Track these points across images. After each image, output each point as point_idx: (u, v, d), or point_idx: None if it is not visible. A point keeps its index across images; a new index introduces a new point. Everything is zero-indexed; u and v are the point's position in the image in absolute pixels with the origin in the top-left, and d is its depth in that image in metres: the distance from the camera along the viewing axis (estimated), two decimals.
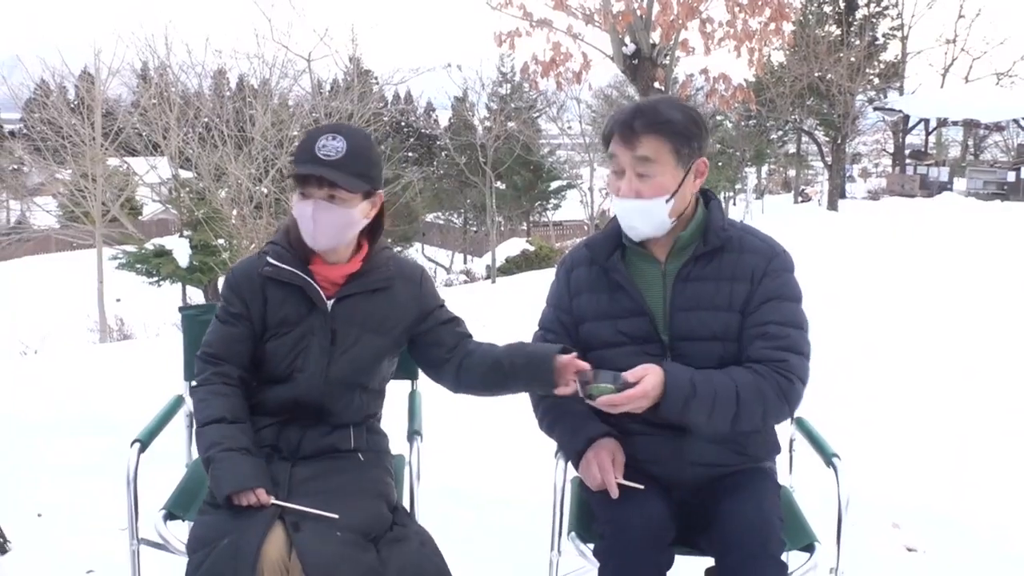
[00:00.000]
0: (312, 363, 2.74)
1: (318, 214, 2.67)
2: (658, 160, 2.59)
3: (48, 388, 7.09)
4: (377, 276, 2.81)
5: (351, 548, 2.47)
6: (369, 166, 2.71)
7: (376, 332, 2.79)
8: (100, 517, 4.23)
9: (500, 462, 4.93)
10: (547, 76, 10.64)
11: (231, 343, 2.79)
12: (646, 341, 2.68)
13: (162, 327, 20.85)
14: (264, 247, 2.86)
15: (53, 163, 23.49)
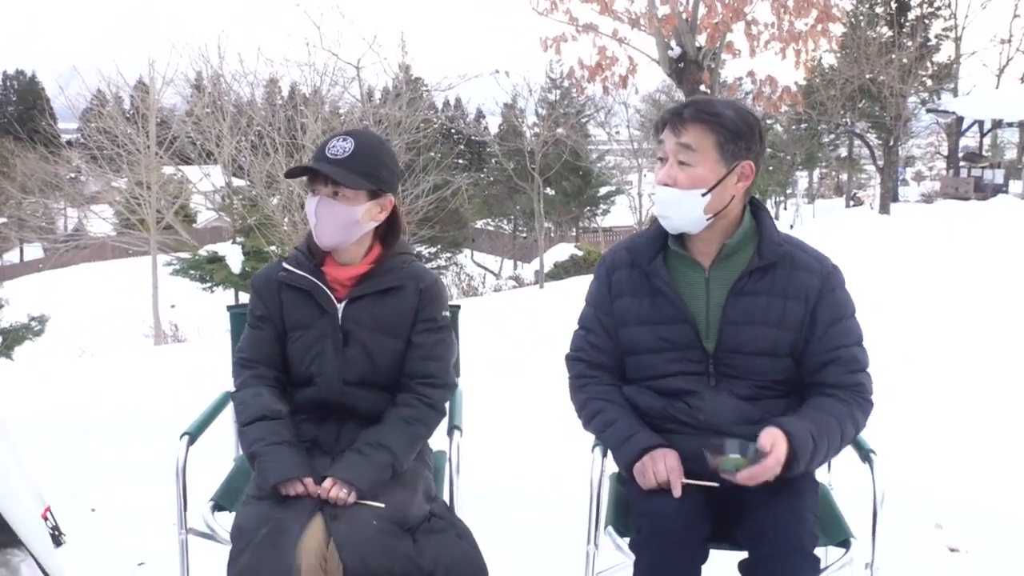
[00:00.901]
0: (328, 365, 2.83)
1: (321, 210, 2.76)
2: (700, 150, 2.60)
3: (104, 390, 7.25)
4: (386, 278, 2.87)
5: (387, 537, 2.54)
6: (375, 167, 2.79)
7: (387, 333, 2.86)
8: (151, 513, 4.33)
9: (537, 457, 5.00)
10: (593, 81, 10.68)
11: (261, 346, 2.90)
12: (687, 348, 2.71)
13: (216, 332, 21.15)
14: (287, 253, 2.98)
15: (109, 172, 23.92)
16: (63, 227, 37.10)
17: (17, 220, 31.96)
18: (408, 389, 2.84)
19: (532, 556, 3.49)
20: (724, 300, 2.69)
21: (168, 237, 23.26)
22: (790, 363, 2.71)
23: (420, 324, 2.87)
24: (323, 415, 2.85)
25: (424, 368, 2.86)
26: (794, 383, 2.74)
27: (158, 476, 4.83)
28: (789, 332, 2.68)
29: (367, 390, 2.84)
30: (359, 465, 2.68)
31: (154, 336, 21.17)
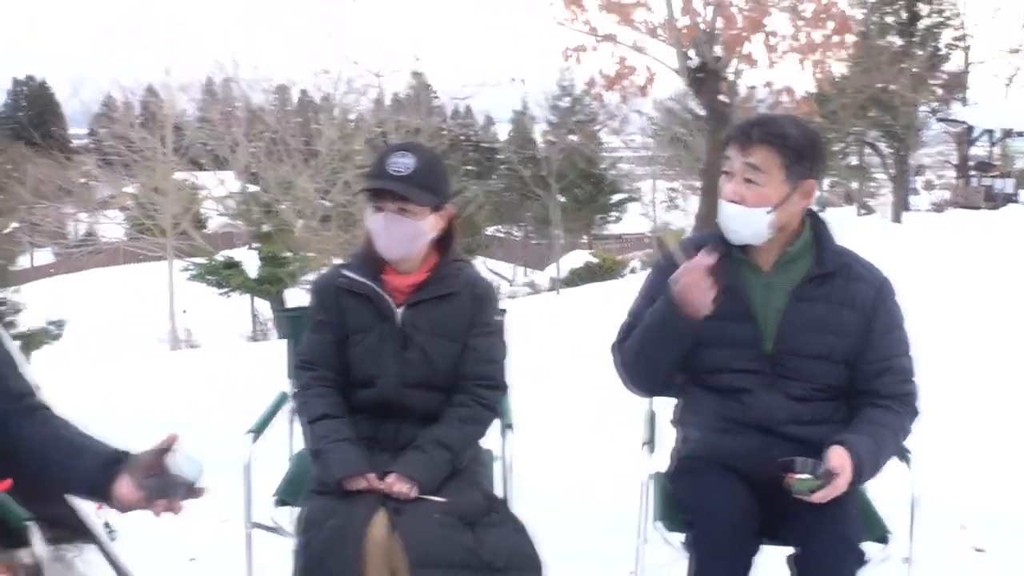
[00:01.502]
0: (388, 368, 2.94)
1: (390, 226, 2.86)
2: (766, 170, 2.70)
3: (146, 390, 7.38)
4: (443, 284, 2.97)
5: (448, 530, 2.64)
6: (437, 181, 2.91)
7: (444, 337, 2.96)
8: (202, 509, 4.44)
9: (583, 456, 5.12)
10: (612, 89, 10.80)
11: (321, 349, 3.01)
12: (747, 346, 2.80)
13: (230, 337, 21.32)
14: (345, 259, 3.10)
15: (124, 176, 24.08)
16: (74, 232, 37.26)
17: (29, 225, 32.12)
18: (464, 390, 2.95)
19: (580, 552, 3.61)
20: (784, 304, 2.79)
21: (182, 242, 23.42)
22: (843, 369, 2.81)
23: (476, 328, 2.98)
24: (382, 415, 2.96)
25: (480, 370, 2.97)
26: (845, 388, 2.84)
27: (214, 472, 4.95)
28: (845, 339, 2.78)
29: (425, 391, 2.95)
30: (420, 462, 2.79)
31: (170, 341, 21.33)
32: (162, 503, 2.08)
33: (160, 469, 2.10)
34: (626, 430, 3.93)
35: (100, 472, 2.13)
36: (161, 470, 2.10)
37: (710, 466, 2.83)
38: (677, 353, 2.83)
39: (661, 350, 2.83)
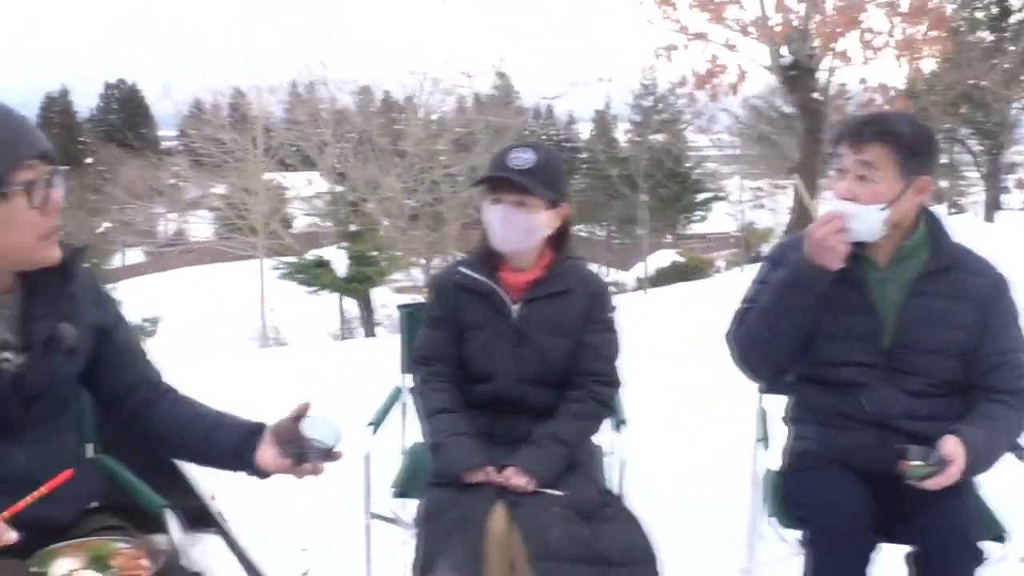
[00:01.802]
0: (504, 363, 2.99)
1: (507, 217, 2.91)
2: (880, 167, 2.69)
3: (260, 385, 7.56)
4: (559, 281, 3.01)
5: (567, 523, 2.68)
6: (556, 178, 2.94)
7: (558, 334, 3.00)
8: (312, 501, 4.55)
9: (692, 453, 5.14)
10: (703, 88, 10.76)
11: (438, 344, 3.07)
12: (865, 339, 2.79)
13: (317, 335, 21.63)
14: (461, 257, 3.16)
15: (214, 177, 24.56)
16: (164, 231, 38.04)
17: (121, 225, 32.89)
18: (579, 386, 2.99)
19: (692, 547, 3.62)
20: (901, 299, 2.78)
21: (272, 241, 23.83)
22: (959, 364, 2.79)
23: (591, 325, 3.01)
24: (498, 410, 3.01)
25: (594, 366, 3.01)
26: (960, 383, 2.81)
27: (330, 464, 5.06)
28: (962, 334, 2.76)
29: (540, 387, 2.99)
30: (537, 456, 2.84)
31: (260, 339, 21.71)
32: (305, 467, 2.15)
33: (296, 435, 2.17)
34: (733, 427, 3.95)
35: (242, 442, 2.22)
36: (298, 436, 2.17)
37: (825, 462, 2.83)
38: (802, 321, 2.80)
39: (787, 319, 2.81)
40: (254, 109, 24.80)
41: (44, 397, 2.16)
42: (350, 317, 24.33)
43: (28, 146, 1.98)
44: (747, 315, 2.94)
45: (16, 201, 1.97)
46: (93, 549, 2.10)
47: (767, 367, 3.00)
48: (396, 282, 24.06)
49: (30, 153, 1.98)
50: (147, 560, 2.09)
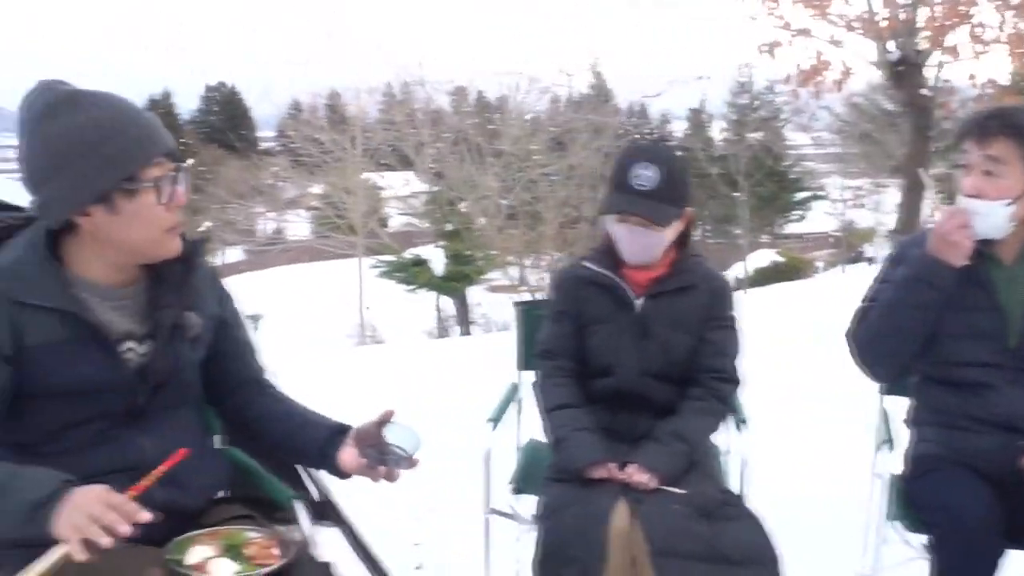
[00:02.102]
0: (627, 358, 2.97)
1: (632, 238, 2.90)
2: (1007, 162, 2.64)
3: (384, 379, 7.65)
4: (683, 278, 2.99)
5: (689, 521, 2.66)
6: (681, 190, 2.90)
7: (681, 329, 2.98)
8: (424, 496, 4.60)
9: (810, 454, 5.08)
10: (807, 85, 10.61)
11: (561, 339, 3.07)
12: (992, 338, 2.74)
13: (414, 334, 21.82)
14: (585, 252, 3.15)
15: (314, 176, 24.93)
16: (263, 230, 38.69)
17: (222, 223, 33.57)
18: (699, 383, 2.97)
19: (812, 548, 3.57)
20: None
21: (369, 240, 24.11)
22: None
23: (712, 321, 2.99)
24: (619, 406, 3.00)
25: (715, 363, 2.98)
26: None
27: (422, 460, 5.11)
28: None
29: (662, 382, 2.97)
30: (659, 453, 2.82)
31: (359, 337, 21.97)
32: (381, 470, 2.17)
33: (379, 440, 2.20)
34: (849, 428, 3.89)
35: (327, 442, 2.26)
36: (380, 440, 2.20)
37: (949, 465, 2.77)
38: (924, 318, 2.75)
39: (909, 316, 2.76)
40: (352, 110, 25.13)
41: (169, 385, 2.21)
42: (445, 316, 24.49)
43: (156, 144, 2.04)
44: (868, 313, 2.90)
45: (145, 197, 2.02)
46: (227, 538, 2.14)
47: (889, 366, 2.94)
48: (490, 281, 24.19)
49: (158, 151, 2.04)
50: (278, 550, 2.12)
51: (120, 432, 2.15)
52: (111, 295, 2.14)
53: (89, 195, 1.99)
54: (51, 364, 2.05)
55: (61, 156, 1.97)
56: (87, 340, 2.07)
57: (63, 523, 1.80)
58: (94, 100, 2.01)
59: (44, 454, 2.06)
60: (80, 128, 1.97)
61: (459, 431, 5.35)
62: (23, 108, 2.03)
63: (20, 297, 2.02)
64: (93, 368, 2.08)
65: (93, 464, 2.08)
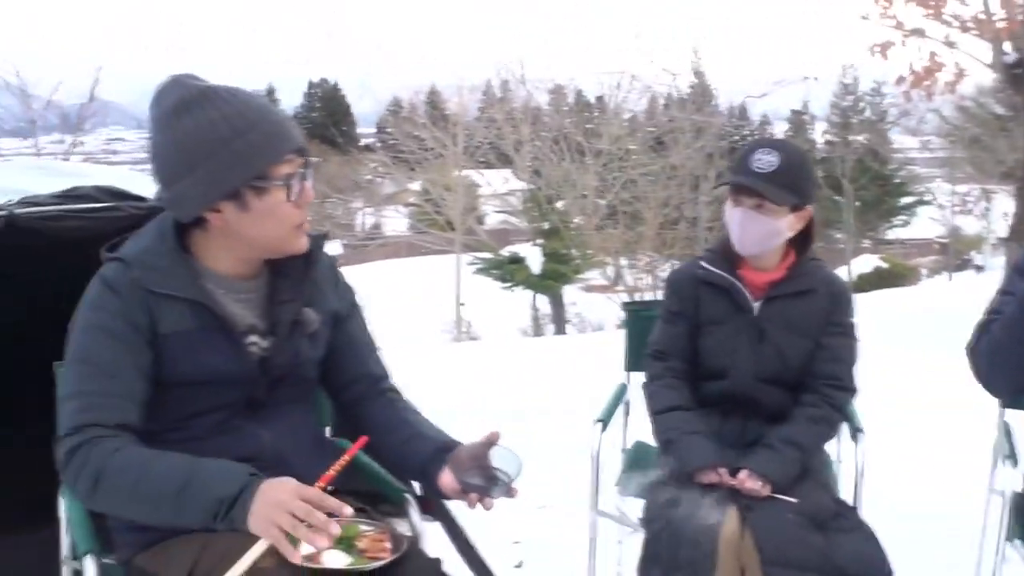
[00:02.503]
0: (741, 361, 2.92)
1: (745, 222, 2.84)
2: None
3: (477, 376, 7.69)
4: (801, 281, 2.93)
5: (802, 531, 2.60)
6: (800, 180, 2.84)
7: (798, 334, 2.91)
8: (526, 495, 4.58)
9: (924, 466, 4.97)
10: (919, 86, 10.37)
11: (674, 339, 3.02)
12: None
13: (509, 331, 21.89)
14: (702, 253, 3.10)
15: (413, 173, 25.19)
16: (361, 225, 39.16)
17: (322, 218, 34.06)
18: (813, 389, 2.90)
19: (925, 564, 3.49)
20: None
21: (466, 237, 24.26)
22: None
23: (830, 327, 2.92)
24: (730, 410, 2.95)
25: (830, 370, 2.91)
26: None
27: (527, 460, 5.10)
28: None
29: (775, 387, 2.91)
30: (772, 460, 2.76)
31: (454, 332, 22.12)
32: (472, 497, 2.11)
33: (484, 462, 2.13)
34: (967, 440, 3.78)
35: (429, 460, 2.21)
36: (484, 463, 2.13)
37: None
38: None
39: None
40: (452, 107, 25.30)
41: (288, 379, 2.22)
42: (540, 314, 24.51)
43: (287, 141, 2.04)
44: (990, 326, 2.79)
45: (275, 194, 2.03)
46: (341, 529, 2.15)
47: (1010, 381, 2.82)
48: (586, 280, 24.15)
49: (289, 148, 2.03)
50: (390, 544, 2.12)
51: (240, 423, 2.17)
52: (236, 288, 2.16)
53: (220, 192, 2.00)
54: (181, 353, 2.07)
55: (193, 153, 1.98)
56: (215, 331, 2.09)
57: (262, 521, 1.82)
58: (226, 96, 2.01)
59: (170, 441, 2.08)
60: (212, 125, 1.97)
61: (559, 430, 5.35)
62: (154, 104, 2.04)
63: (152, 286, 2.05)
64: (220, 359, 2.10)
65: (214, 452, 2.08)
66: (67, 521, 2.38)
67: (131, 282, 2.04)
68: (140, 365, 2.05)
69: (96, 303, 2.06)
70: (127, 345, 2.03)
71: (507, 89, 25.05)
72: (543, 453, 5.20)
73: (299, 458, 2.20)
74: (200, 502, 1.87)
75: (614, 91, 21.88)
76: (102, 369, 2.03)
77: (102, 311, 2.05)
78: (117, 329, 2.03)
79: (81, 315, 2.08)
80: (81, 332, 2.07)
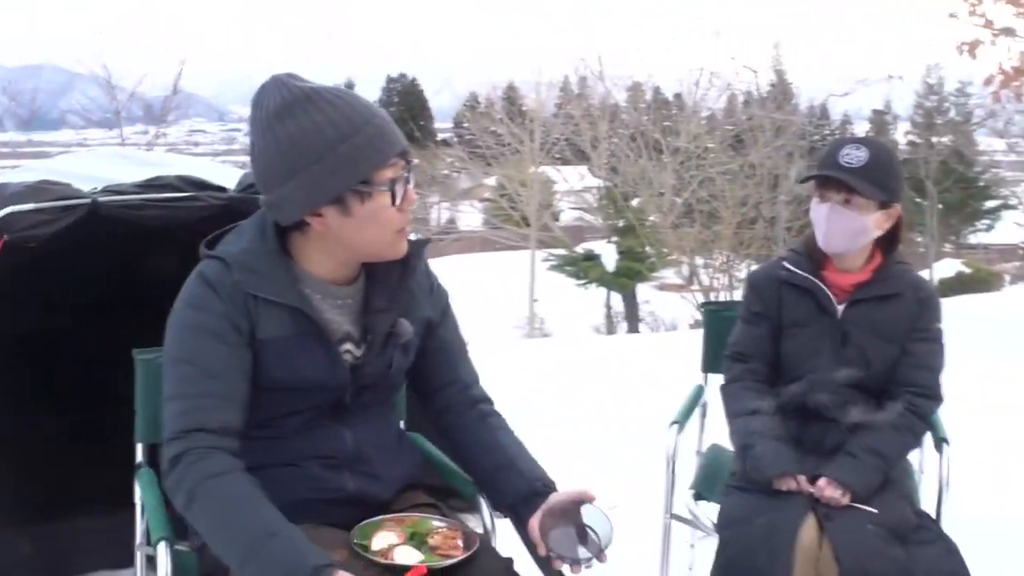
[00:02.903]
0: (822, 365, 2.84)
1: (832, 217, 2.76)
2: None
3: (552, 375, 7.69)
4: (888, 285, 2.85)
5: (882, 543, 2.54)
6: (888, 177, 2.76)
7: (884, 339, 2.84)
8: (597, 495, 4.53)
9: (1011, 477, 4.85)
10: (1008, 86, 10.12)
11: (755, 341, 2.96)
12: None
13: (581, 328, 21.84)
14: (785, 253, 3.02)
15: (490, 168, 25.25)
16: (436, 220, 39.36)
17: None
18: (897, 396, 2.82)
19: None
20: None
21: (541, 233, 24.26)
22: None
23: (916, 332, 2.85)
24: (810, 415, 2.89)
25: (916, 377, 2.84)
26: None
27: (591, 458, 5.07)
28: None
29: (858, 393, 2.84)
30: (853, 468, 2.69)
31: (527, 328, 22.14)
32: (561, 563, 2.06)
33: (577, 518, 2.10)
34: None
35: (522, 501, 2.17)
36: (578, 520, 2.10)
37: None
38: None
39: None
40: (529, 103, 25.31)
41: (376, 386, 2.22)
42: (613, 312, 24.41)
43: (391, 145, 2.01)
44: None
45: (379, 199, 2.00)
46: (413, 525, 2.14)
47: None
48: (661, 279, 24.01)
49: (392, 152, 2.01)
50: (462, 541, 2.11)
51: (325, 423, 2.17)
52: (333, 293, 2.15)
53: (323, 198, 1.98)
54: (277, 359, 2.07)
55: (296, 158, 1.95)
56: (311, 337, 2.09)
57: None
58: (330, 98, 1.98)
59: (257, 438, 2.10)
60: (317, 128, 1.95)
61: (632, 430, 5.30)
62: (256, 105, 2.02)
63: (253, 290, 2.04)
64: (314, 366, 2.10)
65: (299, 450, 2.13)
66: (141, 507, 2.40)
67: (232, 285, 2.04)
68: (242, 367, 2.05)
69: (198, 303, 2.06)
70: (229, 347, 2.03)
71: (585, 85, 25.00)
72: (616, 452, 5.17)
73: (379, 456, 2.22)
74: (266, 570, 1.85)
75: (693, 88, 21.73)
76: (205, 370, 2.03)
77: (205, 311, 2.04)
78: (220, 330, 2.03)
79: (182, 313, 2.08)
80: (183, 331, 2.07)
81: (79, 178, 3.30)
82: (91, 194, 3.17)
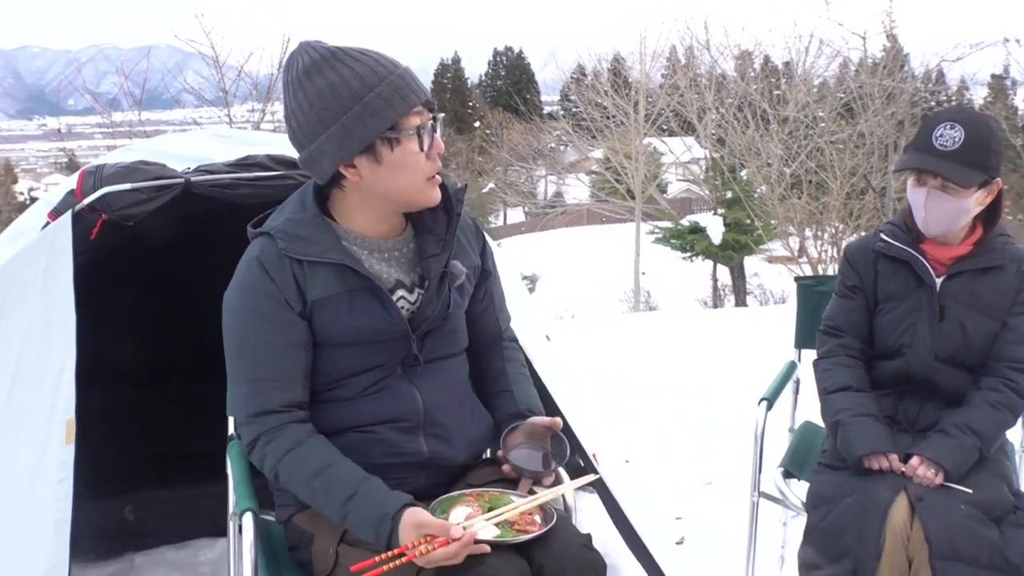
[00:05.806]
0: (919, 339, 2.77)
1: (930, 203, 2.69)
2: None
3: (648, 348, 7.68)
4: (988, 258, 2.76)
5: (975, 523, 2.47)
6: (987, 156, 2.66)
7: (983, 313, 2.75)
8: (690, 472, 4.52)
9: None
10: None
11: (850, 315, 2.90)
12: None
13: (688, 302, 21.66)
14: (882, 225, 2.94)
15: (595, 141, 25.11)
16: (543, 193, 39.35)
17: (504, 185, 34.39)
18: (994, 372, 2.74)
19: None
20: None
21: (647, 206, 24.08)
22: None
23: (1017, 307, 2.75)
24: (905, 390, 2.82)
25: (1016, 352, 2.74)
26: None
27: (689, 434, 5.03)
28: None
29: (954, 368, 2.77)
30: (946, 446, 2.63)
31: (633, 302, 22.02)
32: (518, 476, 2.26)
33: (544, 441, 2.29)
34: None
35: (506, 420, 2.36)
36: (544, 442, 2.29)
37: None
38: None
39: None
40: (635, 74, 25.07)
41: (438, 333, 2.29)
42: (721, 285, 24.13)
43: (416, 93, 2.10)
44: None
45: (407, 145, 2.10)
46: (491, 501, 2.16)
47: None
48: (768, 251, 23.61)
49: (417, 100, 2.10)
50: (539, 517, 2.11)
51: (395, 383, 2.25)
52: (379, 247, 2.24)
53: (355, 146, 2.08)
54: (332, 316, 2.17)
55: (326, 110, 2.06)
56: (362, 291, 2.17)
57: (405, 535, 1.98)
58: (354, 55, 2.08)
59: (329, 400, 2.23)
60: (345, 82, 2.05)
61: (730, 405, 5.24)
62: (287, 69, 2.14)
63: (298, 255, 2.14)
64: (370, 318, 2.18)
65: (372, 414, 2.22)
66: (232, 479, 2.47)
67: (278, 254, 2.14)
68: (296, 342, 2.16)
69: (250, 285, 2.16)
70: (281, 327, 2.15)
71: (691, 55, 24.60)
72: (714, 427, 5.13)
73: (451, 418, 2.30)
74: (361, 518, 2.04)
75: (802, 56, 21.25)
76: (262, 353, 2.15)
77: (257, 294, 2.15)
78: (270, 311, 2.14)
79: (236, 297, 2.19)
80: (237, 314, 2.18)
81: (174, 158, 3.40)
82: (184, 174, 3.25)
